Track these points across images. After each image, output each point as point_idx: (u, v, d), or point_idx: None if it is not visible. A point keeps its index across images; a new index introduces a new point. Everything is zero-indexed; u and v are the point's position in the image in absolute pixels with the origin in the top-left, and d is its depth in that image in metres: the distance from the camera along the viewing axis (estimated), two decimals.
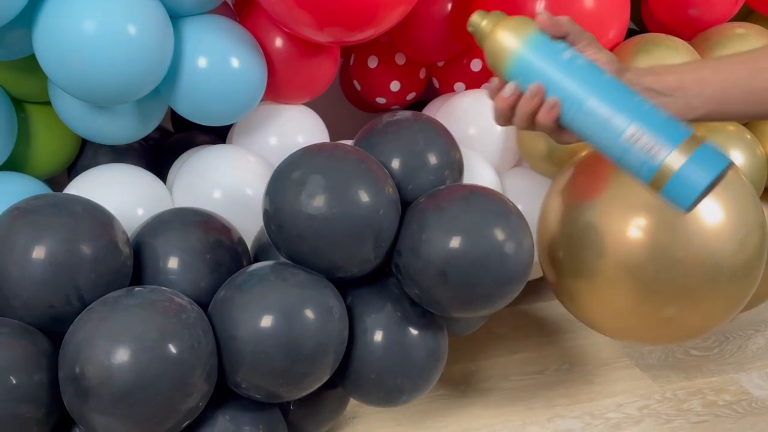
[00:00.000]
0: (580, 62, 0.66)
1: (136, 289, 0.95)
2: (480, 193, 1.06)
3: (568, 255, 1.22)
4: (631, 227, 1.13)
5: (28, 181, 1.34)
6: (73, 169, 1.52)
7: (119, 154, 1.53)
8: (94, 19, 1.03)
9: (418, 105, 1.77)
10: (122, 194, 1.22)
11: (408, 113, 1.19)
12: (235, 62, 1.20)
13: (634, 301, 1.14)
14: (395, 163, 1.13)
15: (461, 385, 1.42)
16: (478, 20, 0.67)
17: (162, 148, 1.67)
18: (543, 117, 0.65)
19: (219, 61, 1.19)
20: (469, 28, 0.69)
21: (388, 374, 1.06)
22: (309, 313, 0.97)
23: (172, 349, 0.88)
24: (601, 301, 1.19)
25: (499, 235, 1.00)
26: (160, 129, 1.78)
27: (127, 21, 1.05)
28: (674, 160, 0.59)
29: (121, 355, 0.86)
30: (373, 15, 1.18)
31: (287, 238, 0.99)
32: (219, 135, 1.65)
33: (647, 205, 1.14)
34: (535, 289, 1.56)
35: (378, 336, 1.06)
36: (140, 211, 1.21)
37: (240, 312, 0.96)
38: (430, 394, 1.37)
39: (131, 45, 1.05)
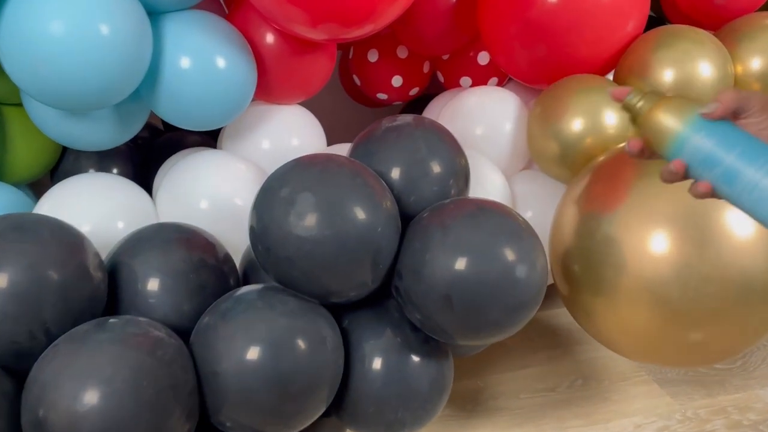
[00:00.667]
0: (744, 142, 0.64)
1: (109, 320, 0.86)
2: (489, 208, 0.96)
3: (585, 270, 1.12)
4: (654, 241, 1.03)
5: (4, 189, 1.25)
6: (56, 172, 1.43)
7: (104, 156, 1.44)
8: (62, 20, 0.93)
9: (423, 100, 1.67)
10: (101, 206, 1.13)
11: (409, 118, 1.08)
12: (221, 62, 1.10)
13: (657, 322, 1.04)
14: (395, 173, 1.03)
15: (468, 404, 1.34)
16: (635, 100, 0.69)
17: (151, 148, 1.58)
18: (693, 192, 0.67)
19: (203, 61, 1.09)
20: (623, 108, 0.70)
21: (387, 407, 0.97)
22: (299, 345, 0.88)
23: (147, 391, 0.79)
24: (620, 321, 1.09)
25: (510, 256, 0.91)
26: (149, 127, 1.69)
27: (99, 20, 0.95)
28: None
29: (89, 399, 0.77)
30: (371, 10, 1.08)
31: (275, 262, 0.90)
32: (211, 135, 1.55)
33: (672, 217, 1.04)
34: (547, 294, 1.46)
35: (376, 364, 0.97)
36: (121, 225, 1.13)
37: (223, 344, 0.87)
38: None
39: (104, 46, 0.95)
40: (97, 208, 1.13)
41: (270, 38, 1.21)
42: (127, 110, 1.16)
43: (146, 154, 1.56)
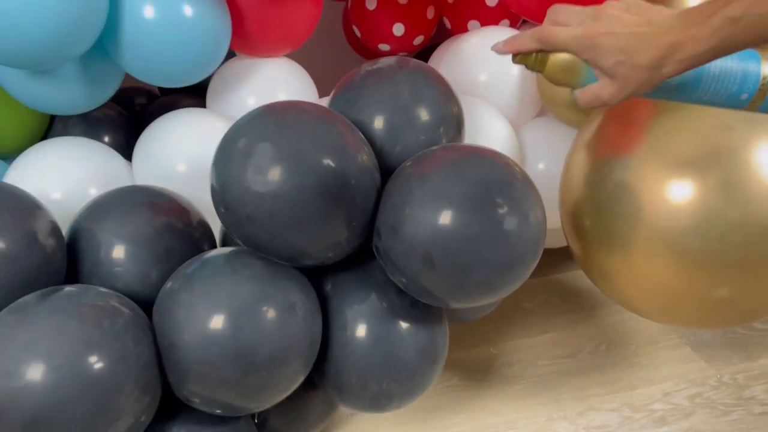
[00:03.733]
0: None
1: (58, 291, 0.79)
2: (476, 155, 0.85)
3: (597, 223, 1.01)
4: (673, 187, 0.91)
5: None
6: None
7: (93, 124, 1.38)
8: None
9: (429, 50, 1.54)
10: (74, 172, 1.07)
11: (391, 60, 0.98)
12: (188, 10, 1.01)
13: (678, 279, 0.92)
14: (377, 122, 0.93)
15: (479, 373, 1.24)
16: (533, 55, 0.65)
17: (144, 114, 1.52)
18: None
19: (168, 9, 1.00)
20: (519, 62, 0.67)
21: (371, 378, 0.88)
22: (264, 313, 0.80)
23: (90, 365, 0.73)
24: (638, 279, 0.97)
25: (498, 207, 0.80)
26: (146, 93, 1.63)
27: None
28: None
29: (29, 375, 0.70)
30: None
31: (236, 222, 0.82)
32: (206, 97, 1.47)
33: (693, 160, 0.91)
34: (568, 255, 1.35)
35: (359, 332, 0.88)
36: (93, 191, 1.06)
37: (183, 313, 0.80)
38: (441, 385, 1.20)
39: None
40: (68, 174, 1.07)
41: None
42: (97, 69, 1.09)
43: (140, 120, 1.50)
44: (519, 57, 0.66)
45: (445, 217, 0.79)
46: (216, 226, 1.02)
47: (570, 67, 0.63)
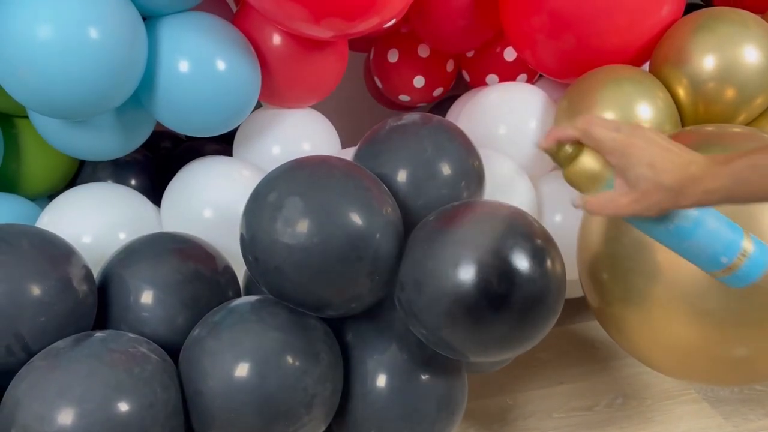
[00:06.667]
0: None
1: (90, 336, 0.82)
2: (498, 211, 0.87)
3: (614, 278, 1.02)
4: None
5: (15, 201, 1.24)
6: (74, 185, 1.42)
7: (121, 167, 1.42)
8: (49, 23, 0.89)
9: (450, 101, 1.59)
10: (103, 217, 1.10)
11: (416, 116, 1.01)
12: (220, 64, 1.06)
13: (696, 337, 0.93)
14: (400, 176, 0.96)
15: (494, 423, 1.24)
16: (566, 148, 0.68)
17: (170, 158, 1.56)
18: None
19: (202, 64, 1.05)
20: (549, 154, 0.69)
21: (390, 429, 0.89)
22: (288, 362, 0.81)
23: (121, 410, 0.74)
24: (654, 335, 0.98)
25: (520, 264, 0.82)
26: (171, 137, 1.68)
27: (88, 24, 0.91)
28: (747, 244, 0.66)
29: (61, 420, 0.72)
30: (373, 1, 1.01)
31: (264, 272, 0.84)
32: (230, 142, 1.51)
33: None
34: (584, 305, 1.36)
35: (379, 383, 0.90)
36: (123, 235, 1.09)
37: (209, 360, 0.82)
38: None
39: (93, 51, 0.92)
40: (98, 219, 1.10)
41: (276, 39, 1.16)
42: (130, 118, 1.13)
43: (166, 164, 1.54)
44: (551, 147, 0.67)
45: (467, 273, 0.81)
46: (240, 272, 1.05)
47: (593, 175, 0.65)
